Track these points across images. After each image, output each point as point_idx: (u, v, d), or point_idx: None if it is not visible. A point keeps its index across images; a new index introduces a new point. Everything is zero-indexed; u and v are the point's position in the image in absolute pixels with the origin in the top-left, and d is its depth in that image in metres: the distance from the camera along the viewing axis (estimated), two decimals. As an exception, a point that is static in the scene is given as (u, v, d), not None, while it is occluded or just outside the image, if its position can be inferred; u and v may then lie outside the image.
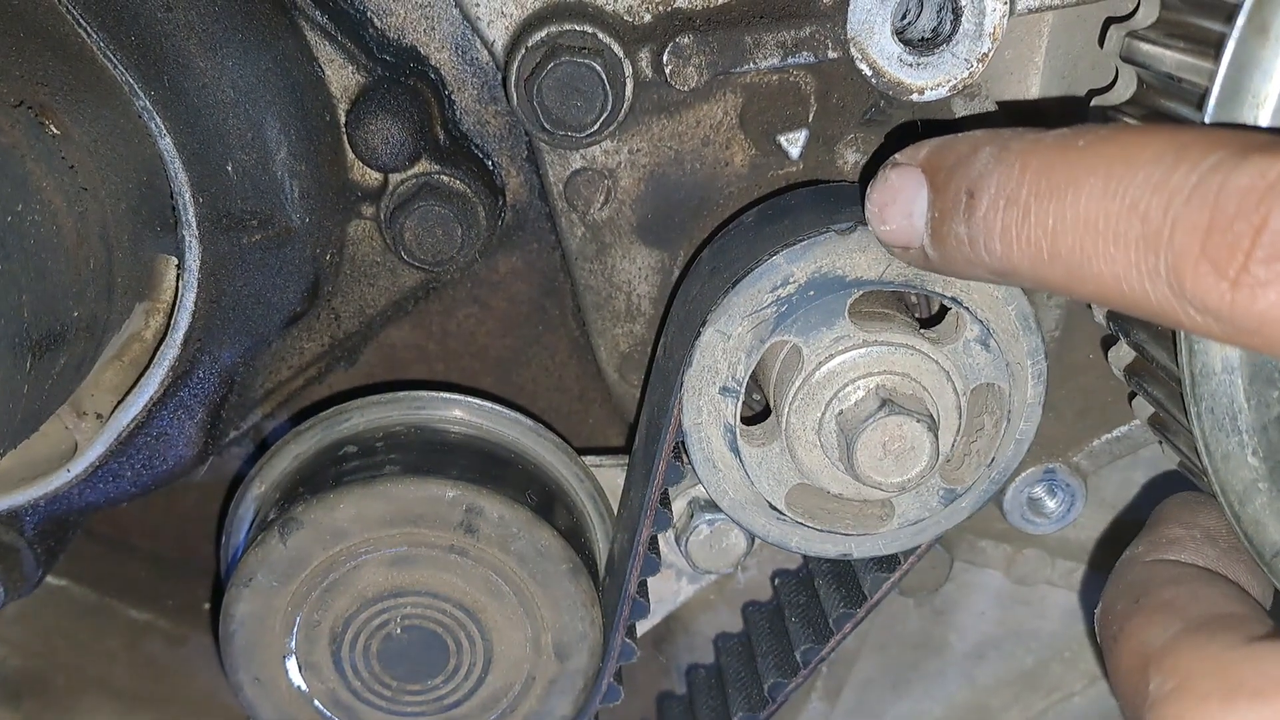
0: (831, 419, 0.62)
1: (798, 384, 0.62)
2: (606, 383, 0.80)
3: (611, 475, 0.77)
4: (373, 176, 0.75)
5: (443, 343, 0.83)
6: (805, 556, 0.79)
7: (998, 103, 0.69)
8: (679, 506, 0.75)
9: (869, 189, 0.55)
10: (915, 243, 0.53)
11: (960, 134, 0.52)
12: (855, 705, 0.89)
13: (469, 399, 0.74)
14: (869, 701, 0.89)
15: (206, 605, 0.88)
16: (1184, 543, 0.58)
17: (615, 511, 0.77)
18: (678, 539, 0.75)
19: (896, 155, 0.54)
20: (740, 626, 0.84)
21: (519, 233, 0.80)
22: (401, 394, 0.74)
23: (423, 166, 0.74)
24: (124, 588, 0.87)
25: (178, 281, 0.67)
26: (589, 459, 0.77)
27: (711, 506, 0.75)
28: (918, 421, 0.59)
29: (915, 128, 0.70)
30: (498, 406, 0.74)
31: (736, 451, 0.64)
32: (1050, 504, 0.74)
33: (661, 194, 0.73)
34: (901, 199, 0.53)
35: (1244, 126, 0.47)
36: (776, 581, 0.82)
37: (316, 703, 0.70)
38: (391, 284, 0.79)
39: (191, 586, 0.88)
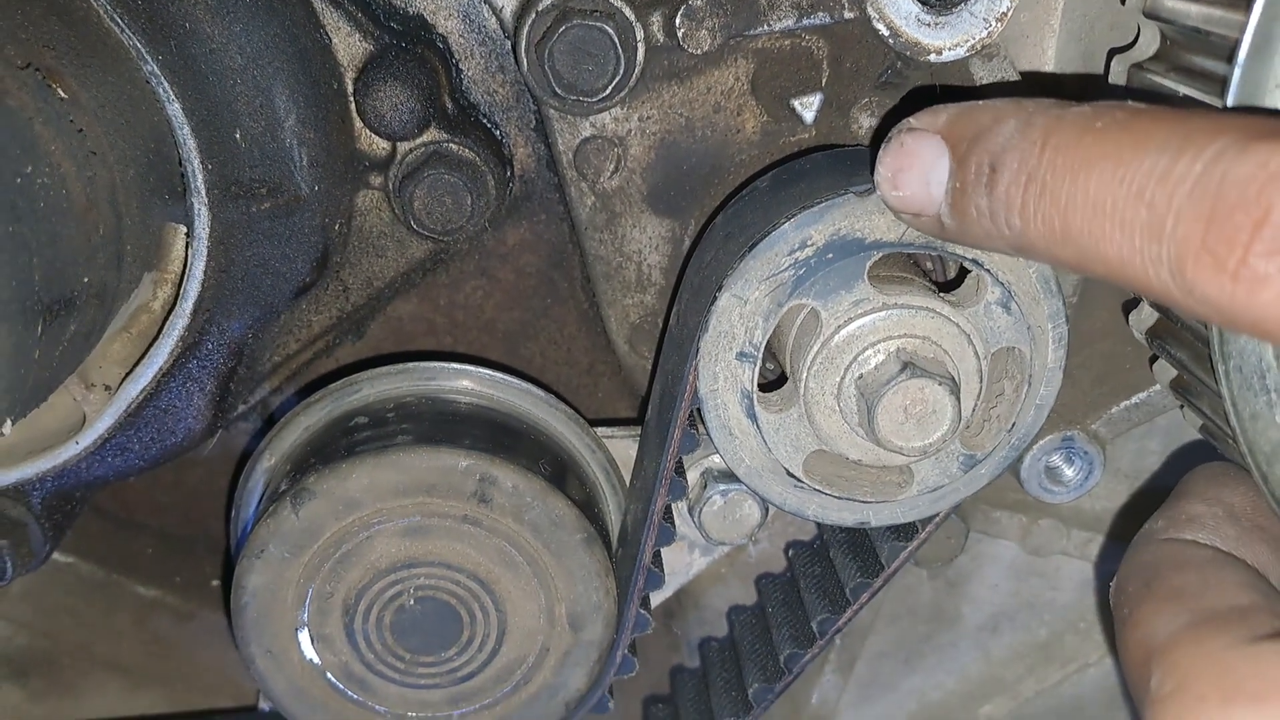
0: (851, 383, 0.61)
1: (816, 348, 0.61)
2: (616, 354, 0.79)
3: (623, 446, 0.76)
4: (381, 146, 0.74)
5: (450, 315, 0.82)
6: (820, 527, 0.78)
7: (1020, 74, 0.68)
8: (692, 477, 0.75)
9: (881, 152, 0.54)
10: (931, 210, 0.52)
11: (981, 102, 0.51)
12: (869, 678, 0.88)
13: (480, 369, 0.73)
14: (883, 674, 0.88)
15: (215, 582, 0.87)
16: (1204, 520, 0.57)
17: (628, 483, 0.76)
18: (691, 510, 0.75)
19: (911, 119, 0.53)
20: (752, 600, 0.83)
21: (526, 204, 0.79)
22: (412, 365, 0.73)
23: (431, 135, 0.73)
24: (131, 564, 0.86)
25: (186, 251, 0.66)
26: (600, 430, 0.76)
27: (725, 477, 0.74)
28: (940, 384, 0.59)
29: (933, 92, 0.69)
30: (509, 377, 0.73)
31: (753, 418, 0.63)
32: (1068, 472, 0.74)
33: (672, 162, 0.73)
34: (919, 166, 0.52)
35: (1261, 110, 0.47)
36: (790, 553, 0.81)
37: (329, 675, 0.69)
38: (400, 255, 0.78)
39: (199, 563, 0.87)
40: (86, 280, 0.56)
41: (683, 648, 0.90)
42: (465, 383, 0.72)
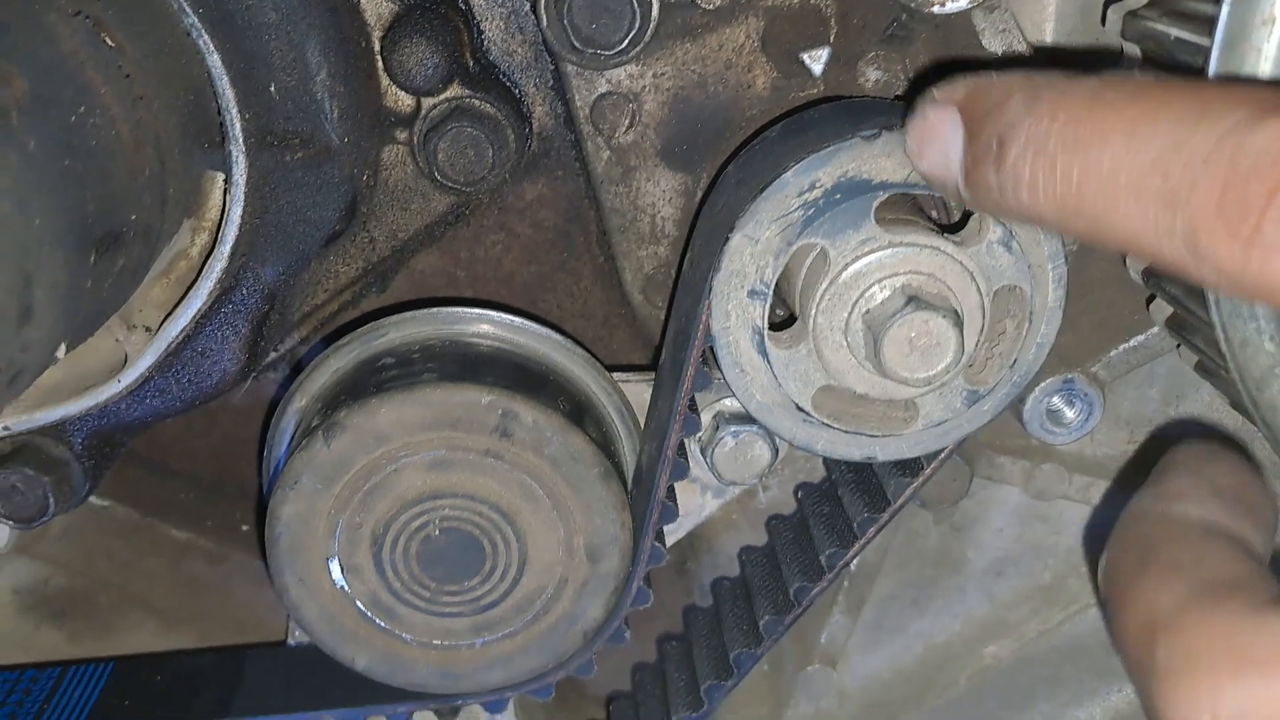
0: (858, 318, 0.64)
1: (825, 285, 0.64)
2: (631, 305, 0.82)
3: (638, 391, 0.79)
4: (405, 102, 0.78)
5: (470, 269, 0.85)
6: (828, 468, 0.81)
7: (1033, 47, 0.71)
8: (704, 420, 0.77)
9: (908, 122, 0.57)
10: (951, 180, 0.54)
11: (995, 76, 0.53)
12: (876, 620, 0.91)
13: (501, 314, 0.76)
14: (890, 617, 0.91)
15: (246, 527, 0.90)
16: (1189, 495, 0.57)
17: (642, 425, 0.79)
18: (703, 451, 0.77)
19: (934, 90, 0.56)
20: (763, 543, 0.86)
21: (544, 160, 0.82)
22: (436, 310, 0.76)
23: (454, 91, 0.77)
24: (165, 509, 0.89)
25: (224, 199, 0.70)
26: (616, 375, 0.79)
27: (737, 419, 0.77)
28: (944, 317, 0.61)
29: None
30: (529, 322, 0.76)
31: (764, 354, 0.66)
32: (1069, 414, 0.76)
33: (685, 117, 0.75)
34: (939, 138, 0.54)
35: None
36: (800, 494, 0.84)
37: (358, 603, 0.72)
38: (423, 208, 0.81)
39: (230, 508, 0.90)
40: (134, 218, 0.59)
41: (695, 592, 0.92)
42: (486, 327, 0.75)
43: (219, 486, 0.90)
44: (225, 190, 0.70)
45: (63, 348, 0.54)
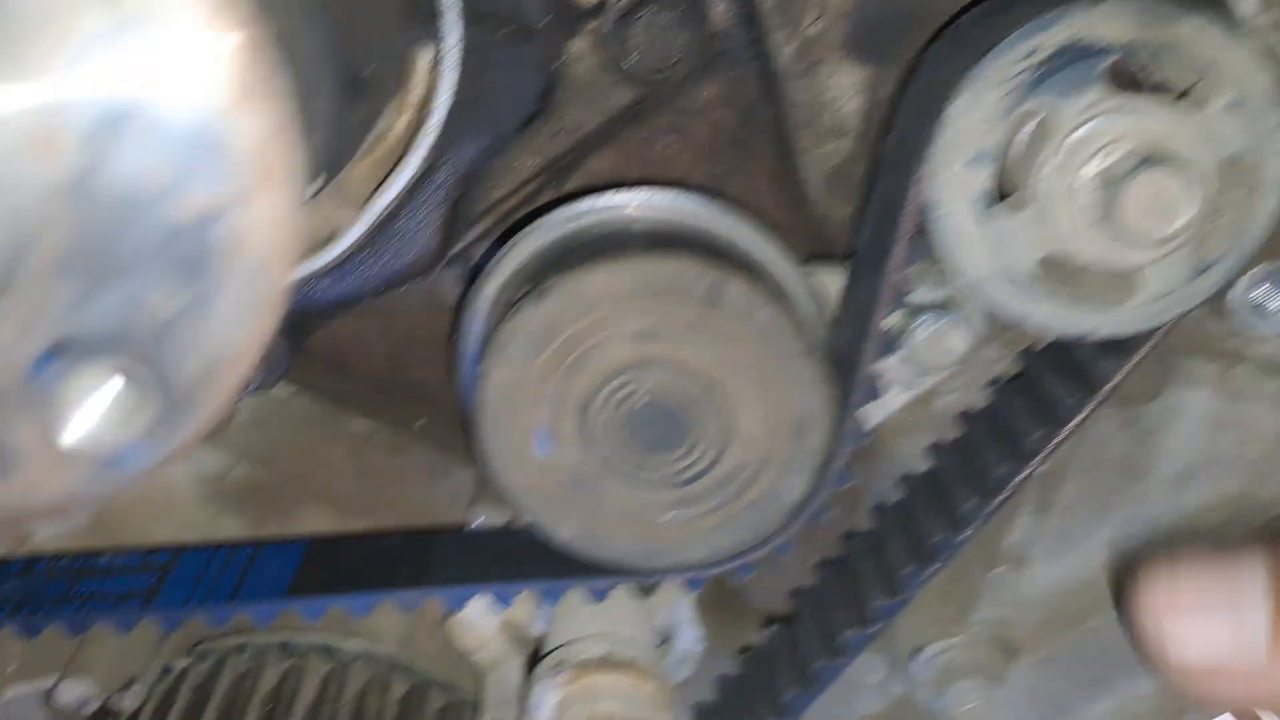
0: (1088, 180, 0.62)
1: (1052, 149, 0.63)
2: (809, 203, 0.81)
3: (827, 281, 0.78)
4: None
5: (644, 170, 0.84)
6: (1026, 357, 0.80)
7: None
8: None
9: None
10: None
11: None
12: (1061, 528, 0.89)
13: (701, 197, 0.75)
14: (1075, 523, 0.89)
15: (422, 421, 0.90)
16: None
17: (836, 311, 0.78)
18: (897, 340, 0.76)
19: None
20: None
21: (720, 60, 0.81)
22: (634, 193, 0.76)
23: (643, -20, 0.77)
24: (345, 402, 0.90)
25: (429, 78, 0.70)
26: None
27: (929, 308, 0.76)
28: (1178, 175, 0.60)
29: None
30: (725, 206, 0.76)
31: (983, 223, 0.65)
32: (1278, 303, 0.74)
33: (871, 9, 0.74)
34: None
35: None
36: (991, 388, 0.82)
37: (563, 473, 0.72)
38: (604, 103, 0.81)
39: (407, 405, 0.90)
40: (366, 73, 0.60)
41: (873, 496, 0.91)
42: (686, 207, 0.75)
43: (396, 384, 0.90)
44: (433, 68, 0.70)
45: (317, 183, 0.55)
